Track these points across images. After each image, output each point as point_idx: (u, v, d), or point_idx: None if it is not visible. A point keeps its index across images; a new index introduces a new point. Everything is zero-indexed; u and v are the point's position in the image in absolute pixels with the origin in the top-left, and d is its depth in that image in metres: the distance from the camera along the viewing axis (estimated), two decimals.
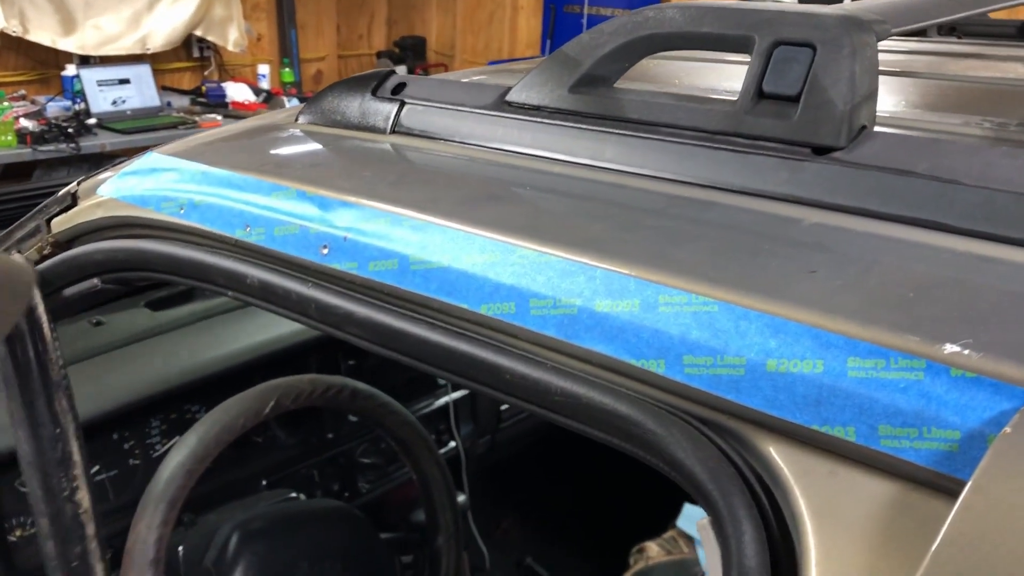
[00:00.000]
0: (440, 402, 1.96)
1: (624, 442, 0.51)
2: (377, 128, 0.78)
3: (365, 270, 0.61)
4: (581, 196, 0.63)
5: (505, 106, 0.72)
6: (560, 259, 0.53)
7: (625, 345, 0.50)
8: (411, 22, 6.86)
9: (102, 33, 4.86)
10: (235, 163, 0.73)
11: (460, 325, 0.58)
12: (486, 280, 0.56)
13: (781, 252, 0.52)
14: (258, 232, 0.67)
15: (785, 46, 0.58)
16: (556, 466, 2.41)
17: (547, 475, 2.42)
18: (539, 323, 0.53)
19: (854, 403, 0.43)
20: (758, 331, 0.46)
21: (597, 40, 0.66)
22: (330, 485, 1.76)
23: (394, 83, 0.80)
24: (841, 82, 0.56)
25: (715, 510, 0.46)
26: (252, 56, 5.69)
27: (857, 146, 0.56)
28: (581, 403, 0.51)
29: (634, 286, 0.50)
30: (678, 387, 0.48)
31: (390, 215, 0.61)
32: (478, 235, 0.57)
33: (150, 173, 0.77)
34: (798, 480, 0.45)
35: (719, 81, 0.94)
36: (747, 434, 0.47)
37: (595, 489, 2.44)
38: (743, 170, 0.59)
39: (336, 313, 0.63)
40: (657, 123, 0.64)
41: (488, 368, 0.55)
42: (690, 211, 0.58)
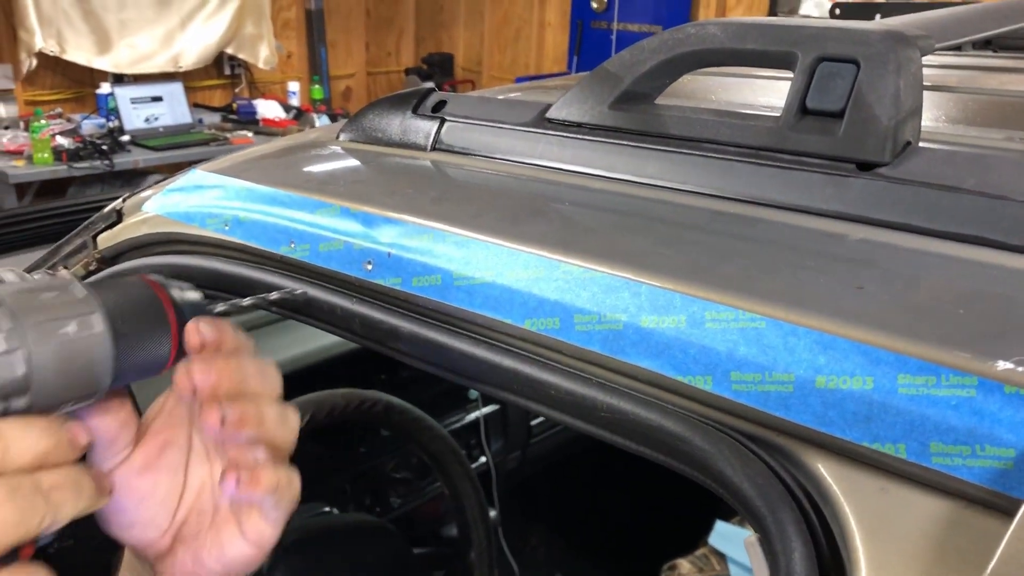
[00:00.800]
0: (471, 417, 1.97)
1: (670, 458, 0.51)
2: (418, 145, 0.79)
3: (409, 285, 0.62)
4: (623, 212, 0.63)
5: (545, 123, 0.72)
6: (604, 275, 0.54)
7: (671, 361, 0.50)
8: (439, 39, 6.92)
9: (136, 52, 4.95)
10: (279, 180, 0.74)
11: (504, 340, 0.58)
12: (530, 295, 0.56)
13: (827, 268, 0.52)
14: (303, 248, 0.67)
15: (828, 62, 0.58)
16: (586, 482, 2.40)
17: (577, 491, 2.41)
18: (584, 339, 0.54)
19: (905, 420, 0.43)
20: (807, 347, 0.46)
21: (638, 57, 0.67)
22: (362, 499, 1.76)
23: (434, 101, 0.81)
24: (886, 98, 0.56)
25: (763, 527, 0.46)
26: (282, 73, 5.76)
27: (902, 162, 0.56)
28: (628, 419, 0.51)
29: (680, 302, 0.50)
30: (726, 403, 0.48)
31: (433, 231, 0.62)
32: (521, 251, 0.58)
33: (194, 190, 0.78)
34: (848, 497, 0.45)
35: (755, 96, 0.94)
36: (796, 451, 0.47)
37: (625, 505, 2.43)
38: (787, 186, 0.59)
39: (380, 328, 0.64)
40: (699, 139, 0.64)
41: (533, 383, 0.56)
42: (734, 227, 0.58)
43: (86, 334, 0.44)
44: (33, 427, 0.41)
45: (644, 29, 5.70)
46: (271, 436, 0.51)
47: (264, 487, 0.50)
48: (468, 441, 1.96)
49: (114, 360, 0.45)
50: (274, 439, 0.51)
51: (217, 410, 0.48)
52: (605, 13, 5.85)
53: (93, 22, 4.75)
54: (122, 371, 0.46)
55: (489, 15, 6.72)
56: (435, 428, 1.46)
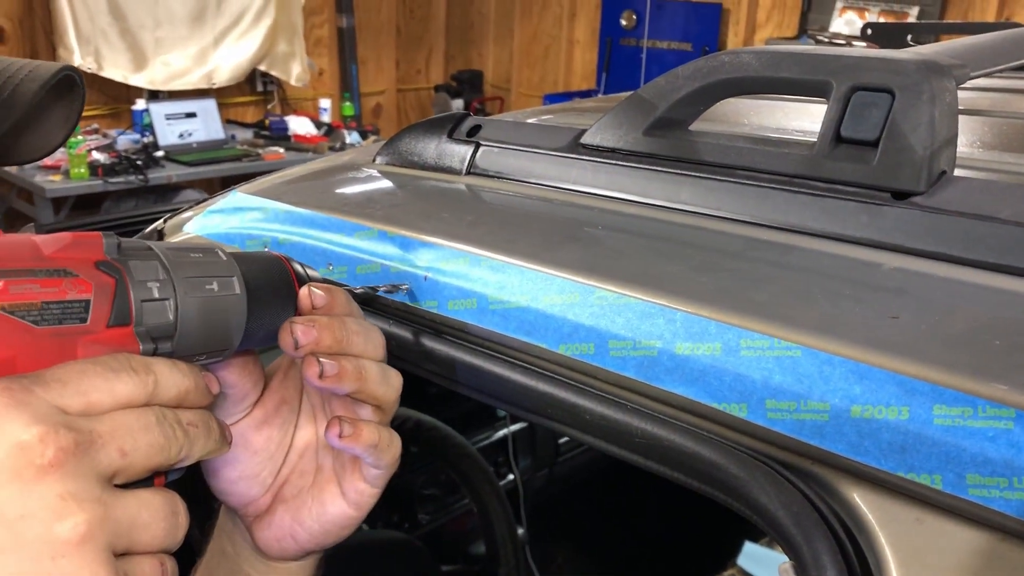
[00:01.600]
0: (499, 434, 1.97)
1: (705, 485, 0.51)
2: (453, 169, 0.80)
3: (444, 309, 0.63)
4: (658, 238, 0.64)
5: (580, 148, 0.73)
6: (640, 301, 0.54)
7: (706, 388, 0.50)
8: (468, 56, 6.96)
9: (170, 69, 5.03)
10: (317, 202, 0.76)
11: (538, 364, 0.59)
12: (565, 320, 0.57)
13: (862, 296, 0.52)
14: (340, 270, 0.69)
15: (863, 91, 0.59)
16: (613, 501, 2.39)
17: (604, 510, 2.40)
18: (618, 364, 0.54)
19: (941, 451, 0.43)
20: (842, 377, 0.46)
21: (672, 84, 0.67)
22: (390, 516, 1.77)
23: (469, 125, 0.82)
24: (920, 127, 0.56)
25: (798, 554, 0.46)
26: (314, 90, 5.83)
27: (937, 191, 0.57)
28: (663, 445, 0.52)
29: (715, 329, 0.51)
30: (760, 431, 0.49)
31: (469, 255, 0.63)
32: (556, 276, 0.58)
33: (234, 212, 0.80)
34: (883, 527, 0.45)
35: (787, 121, 0.95)
36: (831, 479, 0.47)
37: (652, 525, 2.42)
38: (822, 214, 0.59)
39: (416, 350, 0.65)
40: (734, 166, 0.64)
41: (568, 408, 0.56)
42: (769, 254, 0.59)
43: (226, 294, 0.48)
44: (178, 367, 0.44)
45: (673, 46, 5.71)
46: (372, 393, 0.54)
47: (365, 441, 0.52)
48: (496, 459, 1.96)
49: (247, 322, 0.49)
50: (375, 396, 0.54)
51: (316, 364, 0.50)
52: (634, 30, 5.87)
53: (129, 40, 4.84)
54: (250, 335, 0.50)
55: (518, 32, 6.76)
56: (465, 446, 1.46)
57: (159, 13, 4.91)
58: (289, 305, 0.52)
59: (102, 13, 4.70)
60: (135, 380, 0.42)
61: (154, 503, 0.40)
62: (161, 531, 0.40)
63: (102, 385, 0.40)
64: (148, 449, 0.41)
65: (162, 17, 4.93)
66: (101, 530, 0.37)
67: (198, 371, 0.46)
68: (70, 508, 0.36)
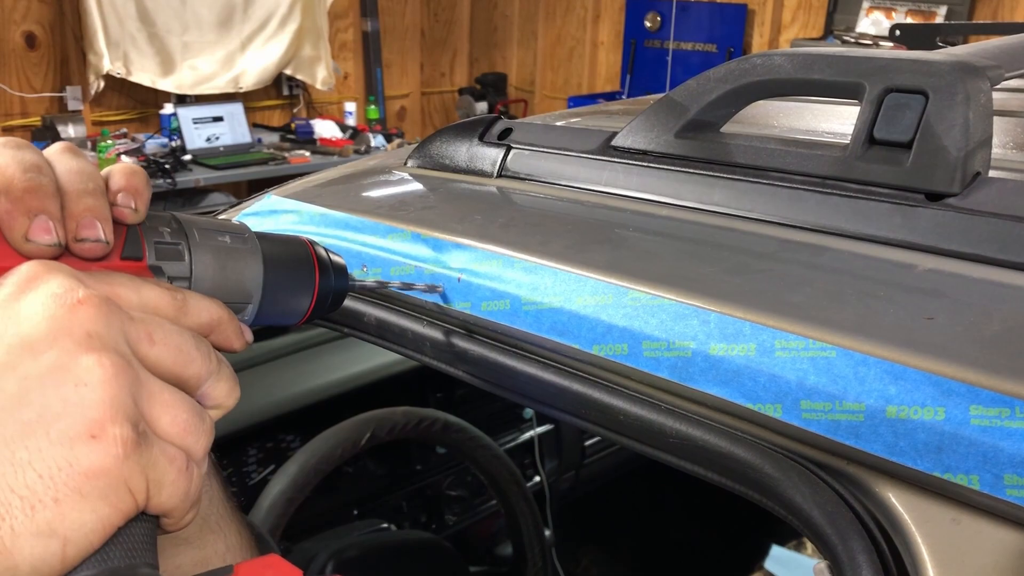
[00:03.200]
0: (525, 436, 1.98)
1: (739, 485, 0.51)
2: (484, 172, 0.81)
3: (478, 310, 0.64)
4: (690, 240, 0.64)
5: (611, 151, 0.73)
6: (673, 302, 0.55)
7: (741, 389, 0.51)
8: (492, 59, 6.98)
9: (198, 73, 5.07)
10: (351, 205, 0.77)
11: (572, 365, 0.60)
12: (598, 321, 0.57)
13: (897, 298, 0.52)
14: (375, 272, 0.70)
15: (897, 93, 0.59)
16: (639, 504, 2.39)
17: (629, 513, 2.40)
18: (652, 365, 0.55)
19: (978, 451, 0.43)
20: (877, 377, 0.46)
21: (704, 87, 0.68)
22: (417, 516, 1.78)
23: (500, 129, 0.83)
24: (955, 129, 0.56)
25: (834, 554, 0.47)
26: (339, 94, 5.86)
27: (972, 192, 0.57)
28: (697, 446, 0.52)
29: (749, 330, 0.51)
30: (795, 431, 0.49)
31: (502, 257, 0.64)
32: (589, 277, 0.59)
33: (270, 215, 0.81)
34: (919, 527, 0.45)
35: (817, 122, 0.95)
36: (866, 480, 0.48)
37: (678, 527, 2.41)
38: (855, 215, 0.59)
39: (450, 351, 0.65)
40: (766, 168, 0.65)
41: (602, 408, 0.57)
42: (802, 255, 0.59)
43: (239, 246, 0.49)
44: (210, 299, 0.45)
45: (698, 48, 5.69)
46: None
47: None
48: (522, 461, 1.97)
49: (263, 281, 0.49)
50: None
51: None
52: (659, 32, 5.85)
53: (157, 44, 4.88)
54: (266, 305, 0.50)
55: (542, 35, 6.77)
56: (492, 447, 1.47)
57: (187, 18, 4.96)
58: (308, 284, 0.52)
59: (131, 19, 4.75)
60: (161, 289, 0.43)
61: (177, 393, 0.40)
62: (183, 420, 0.39)
63: (128, 283, 0.42)
64: (177, 352, 0.41)
65: (190, 22, 4.98)
66: (124, 376, 0.37)
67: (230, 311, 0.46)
68: (94, 344, 0.37)
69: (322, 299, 0.53)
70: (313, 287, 0.52)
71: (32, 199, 0.40)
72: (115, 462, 0.35)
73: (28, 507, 0.34)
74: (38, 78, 4.66)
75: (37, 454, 0.34)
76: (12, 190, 0.40)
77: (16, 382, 0.35)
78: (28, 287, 0.38)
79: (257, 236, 0.50)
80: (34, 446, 0.35)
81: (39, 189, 0.40)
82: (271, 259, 0.50)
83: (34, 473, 0.34)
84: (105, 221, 0.42)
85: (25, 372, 0.36)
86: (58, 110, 4.70)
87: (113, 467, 0.35)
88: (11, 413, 0.35)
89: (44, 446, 0.35)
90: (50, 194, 0.41)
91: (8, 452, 0.34)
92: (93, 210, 0.42)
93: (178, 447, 0.39)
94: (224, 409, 0.44)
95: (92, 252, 0.42)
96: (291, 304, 0.52)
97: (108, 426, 0.36)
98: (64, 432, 0.35)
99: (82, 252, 0.41)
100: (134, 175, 0.45)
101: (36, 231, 0.40)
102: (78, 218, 0.41)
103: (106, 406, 0.36)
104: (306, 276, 0.52)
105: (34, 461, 0.34)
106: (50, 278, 0.38)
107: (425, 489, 1.80)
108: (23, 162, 0.41)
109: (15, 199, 0.40)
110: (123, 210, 0.43)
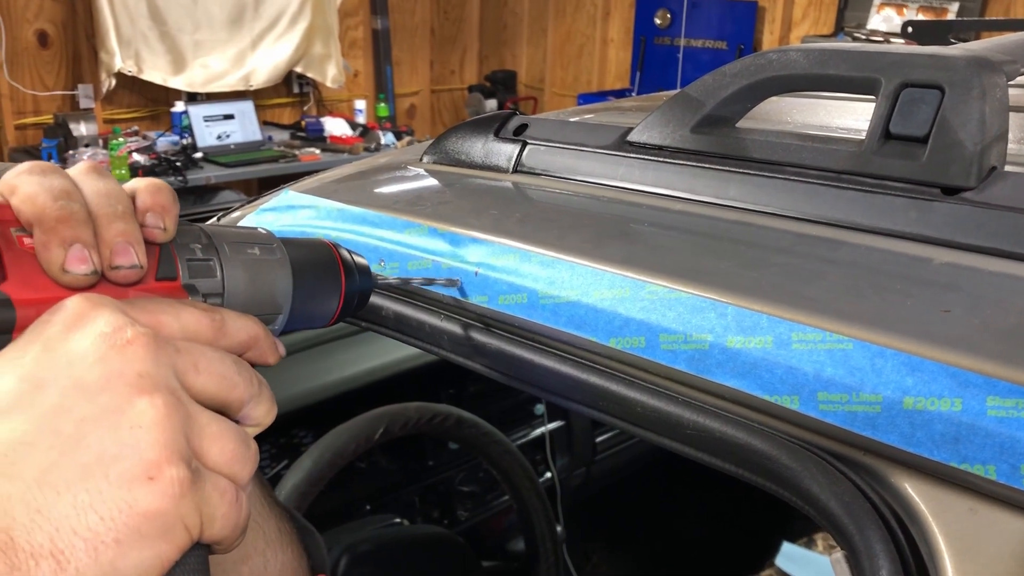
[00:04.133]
0: (536, 433, 1.98)
1: (756, 476, 0.52)
2: (500, 168, 0.81)
3: (495, 303, 0.64)
4: (706, 234, 0.64)
5: (627, 146, 0.74)
6: (690, 295, 0.55)
7: (758, 381, 0.51)
8: (501, 57, 6.98)
9: (209, 71, 5.09)
10: (368, 200, 0.77)
11: (589, 358, 0.60)
12: (615, 315, 0.58)
13: (913, 291, 0.53)
14: (392, 267, 0.70)
15: (912, 88, 0.59)
16: (650, 500, 2.40)
17: (639, 510, 2.41)
18: (669, 357, 0.55)
19: (994, 442, 0.43)
20: (894, 369, 0.47)
21: (720, 82, 0.68)
22: (429, 512, 1.79)
23: (516, 124, 0.83)
24: (971, 123, 0.57)
25: (851, 544, 0.47)
26: (349, 92, 5.88)
27: (988, 186, 0.57)
28: (714, 437, 0.52)
29: (766, 323, 0.51)
30: (812, 423, 0.49)
31: (519, 251, 0.64)
32: (607, 271, 0.59)
33: (287, 210, 0.82)
34: (936, 517, 0.46)
35: (831, 118, 0.95)
36: (882, 470, 0.48)
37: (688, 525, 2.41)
38: (871, 209, 0.60)
39: (468, 344, 0.66)
40: (782, 163, 0.65)
41: (619, 400, 0.57)
42: (818, 249, 0.59)
43: (268, 258, 0.49)
44: (245, 316, 0.46)
45: (708, 45, 5.68)
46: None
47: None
48: (533, 457, 1.98)
49: (293, 290, 0.50)
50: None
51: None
52: (669, 29, 5.85)
53: (169, 43, 4.90)
54: (296, 312, 0.51)
55: (552, 32, 6.76)
56: (505, 443, 1.48)
57: (198, 16, 4.98)
58: (335, 287, 0.53)
59: (143, 17, 4.77)
60: (200, 311, 0.43)
61: (224, 422, 0.41)
62: (231, 450, 0.40)
63: (168, 309, 0.42)
64: (221, 379, 0.41)
65: (201, 20, 5.00)
66: (177, 415, 0.37)
67: (265, 327, 0.47)
68: (146, 386, 0.37)
69: (349, 301, 0.54)
70: (340, 291, 0.53)
71: (66, 228, 0.40)
72: (172, 502, 0.36)
73: (91, 549, 0.34)
74: (50, 76, 4.68)
75: (98, 496, 0.35)
76: (45, 220, 0.40)
77: (73, 425, 0.36)
78: (76, 326, 0.38)
79: (288, 245, 0.51)
80: (94, 488, 0.35)
81: (71, 217, 0.40)
82: (299, 268, 0.50)
83: (96, 516, 0.35)
84: (138, 244, 0.42)
85: (81, 415, 0.36)
86: (70, 108, 4.73)
87: (170, 507, 0.36)
88: (70, 456, 0.35)
89: (104, 488, 0.35)
90: (82, 221, 0.41)
91: (70, 495, 0.35)
92: (125, 234, 0.42)
93: (226, 476, 0.40)
94: (262, 428, 0.45)
95: (128, 278, 0.42)
96: (319, 309, 0.53)
97: (164, 467, 0.36)
98: (122, 474, 0.36)
99: (118, 279, 0.42)
100: (160, 192, 0.45)
101: (72, 261, 0.40)
102: (111, 244, 0.41)
103: (161, 447, 0.36)
104: (333, 281, 0.53)
105: (95, 504, 0.35)
106: (97, 316, 0.38)
107: (437, 485, 1.81)
108: (52, 189, 0.41)
109: (48, 229, 0.40)
110: (153, 231, 0.44)
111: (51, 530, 0.34)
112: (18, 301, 0.39)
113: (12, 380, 0.37)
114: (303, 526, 0.66)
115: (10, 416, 0.36)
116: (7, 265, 0.39)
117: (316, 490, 1.25)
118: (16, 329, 0.39)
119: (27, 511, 0.34)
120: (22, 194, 0.41)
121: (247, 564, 0.62)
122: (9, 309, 0.39)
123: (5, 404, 0.36)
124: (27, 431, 0.35)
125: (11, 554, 0.33)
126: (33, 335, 0.38)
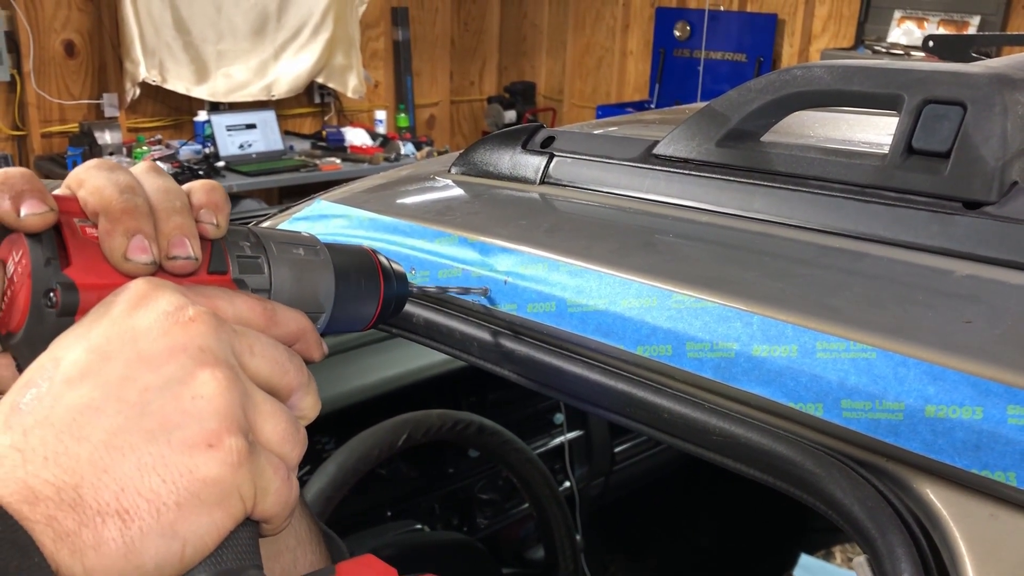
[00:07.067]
0: (555, 442, 1.99)
1: (781, 481, 0.53)
2: (527, 179, 0.83)
3: (524, 311, 0.66)
4: (732, 245, 0.66)
5: (653, 159, 0.76)
6: (716, 305, 0.57)
7: (783, 389, 0.52)
8: (521, 68, 7.02)
9: (231, 81, 5.15)
10: (398, 210, 0.79)
11: (617, 365, 0.62)
12: (643, 323, 0.59)
13: (935, 302, 0.54)
14: (423, 275, 0.72)
15: (935, 104, 0.60)
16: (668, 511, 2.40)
17: (659, 519, 2.41)
18: (696, 365, 0.57)
19: (1015, 449, 0.45)
20: (916, 378, 0.48)
21: (745, 97, 0.70)
22: (449, 519, 1.80)
23: (543, 137, 0.85)
24: (992, 139, 0.58)
25: (873, 548, 0.48)
26: (370, 102, 5.92)
27: (1009, 201, 0.58)
28: (740, 443, 0.54)
29: (791, 332, 0.53)
30: (836, 430, 0.51)
31: (548, 261, 0.66)
32: (634, 280, 0.61)
33: (320, 219, 0.84)
34: (958, 522, 0.47)
35: (854, 133, 0.96)
36: (905, 476, 0.49)
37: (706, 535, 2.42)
38: (893, 223, 0.61)
39: (497, 351, 0.68)
40: (806, 176, 0.66)
41: (646, 407, 0.59)
42: (842, 261, 0.61)
43: (312, 258, 0.51)
44: (294, 310, 0.48)
45: (727, 57, 5.70)
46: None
47: None
48: (552, 466, 1.99)
49: (335, 292, 0.52)
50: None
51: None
52: (688, 41, 5.87)
53: (192, 53, 4.97)
54: (337, 313, 0.53)
55: (571, 44, 6.80)
56: (526, 451, 1.49)
57: (222, 27, 5.04)
58: (374, 292, 0.55)
59: (167, 27, 4.83)
60: (253, 300, 0.46)
61: (277, 403, 0.43)
62: (283, 430, 0.42)
63: (223, 295, 0.44)
64: (274, 363, 0.44)
65: (224, 31, 5.06)
66: (236, 388, 0.40)
67: (311, 322, 0.49)
68: (207, 359, 0.39)
69: (386, 306, 0.56)
70: (379, 295, 0.55)
71: (129, 219, 0.42)
72: (230, 471, 0.38)
73: (154, 510, 0.36)
74: (76, 85, 4.75)
75: (160, 460, 0.37)
76: (111, 211, 0.42)
77: (137, 393, 0.38)
78: (140, 304, 0.41)
79: (331, 250, 0.53)
80: (157, 452, 0.37)
81: (135, 210, 0.43)
82: (341, 270, 0.53)
83: (158, 478, 0.37)
84: (193, 238, 0.45)
85: (145, 384, 0.38)
86: (95, 117, 4.80)
87: (228, 475, 0.38)
88: (135, 421, 0.37)
89: (166, 452, 0.37)
90: (144, 214, 0.43)
91: (135, 456, 0.37)
92: (182, 228, 0.44)
93: (277, 455, 0.42)
94: (307, 421, 0.47)
95: (183, 269, 0.44)
96: (359, 312, 0.54)
97: (224, 436, 0.38)
98: (184, 441, 0.38)
99: (174, 269, 0.44)
100: (214, 191, 0.47)
101: (134, 250, 0.42)
102: (169, 236, 0.44)
103: (221, 417, 0.39)
104: (373, 285, 0.55)
105: (157, 466, 0.37)
106: (159, 296, 0.41)
107: (457, 492, 1.82)
108: (118, 183, 0.44)
109: (114, 219, 0.42)
110: (207, 226, 0.46)
111: (117, 489, 0.36)
112: (82, 285, 0.42)
113: (80, 351, 0.39)
114: (325, 532, 0.67)
115: (79, 384, 0.38)
116: (72, 252, 0.42)
117: (341, 495, 1.26)
118: (79, 312, 0.42)
119: (95, 470, 0.36)
120: (90, 186, 0.43)
121: (278, 561, 0.63)
122: (73, 292, 0.41)
123: (74, 373, 0.38)
124: (95, 398, 0.38)
125: (80, 510, 0.35)
126: (99, 313, 0.41)
